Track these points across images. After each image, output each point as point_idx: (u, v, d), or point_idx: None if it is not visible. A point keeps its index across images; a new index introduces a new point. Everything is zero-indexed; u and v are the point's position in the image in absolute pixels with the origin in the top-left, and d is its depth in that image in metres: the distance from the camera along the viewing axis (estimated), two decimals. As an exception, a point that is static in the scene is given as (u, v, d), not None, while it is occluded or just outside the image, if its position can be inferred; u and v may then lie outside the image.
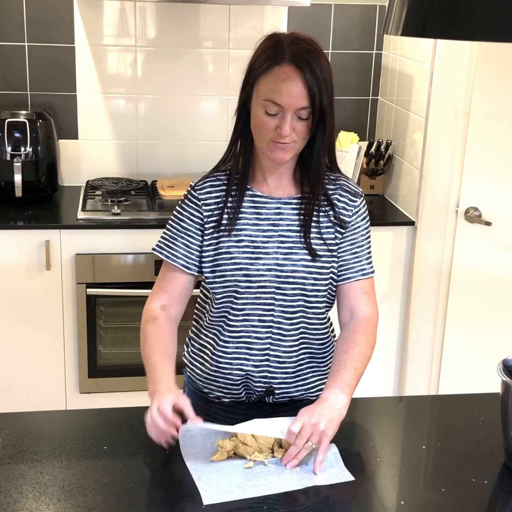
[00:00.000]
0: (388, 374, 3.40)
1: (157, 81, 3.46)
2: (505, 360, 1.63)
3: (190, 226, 1.79)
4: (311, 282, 1.77)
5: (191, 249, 1.79)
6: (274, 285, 1.76)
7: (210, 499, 1.47)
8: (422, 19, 1.29)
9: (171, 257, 1.80)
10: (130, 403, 1.87)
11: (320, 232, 1.77)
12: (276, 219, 1.77)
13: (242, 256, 1.76)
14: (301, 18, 3.44)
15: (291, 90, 1.62)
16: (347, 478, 1.55)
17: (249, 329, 1.79)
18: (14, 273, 3.00)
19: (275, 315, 1.78)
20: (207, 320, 1.85)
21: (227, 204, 1.77)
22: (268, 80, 1.64)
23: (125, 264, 3.04)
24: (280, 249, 1.76)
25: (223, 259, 1.76)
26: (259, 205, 1.78)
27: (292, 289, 1.76)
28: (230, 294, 1.78)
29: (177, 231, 1.81)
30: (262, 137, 1.68)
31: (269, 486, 1.51)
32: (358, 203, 1.82)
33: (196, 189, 1.80)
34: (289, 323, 1.79)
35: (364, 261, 1.83)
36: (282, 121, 1.64)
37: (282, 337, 1.79)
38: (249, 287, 1.76)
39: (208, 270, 1.78)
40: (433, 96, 3.02)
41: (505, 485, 1.57)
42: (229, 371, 1.81)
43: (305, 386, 1.85)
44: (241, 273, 1.75)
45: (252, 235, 1.76)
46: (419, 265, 3.20)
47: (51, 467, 1.55)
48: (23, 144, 3.13)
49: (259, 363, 1.80)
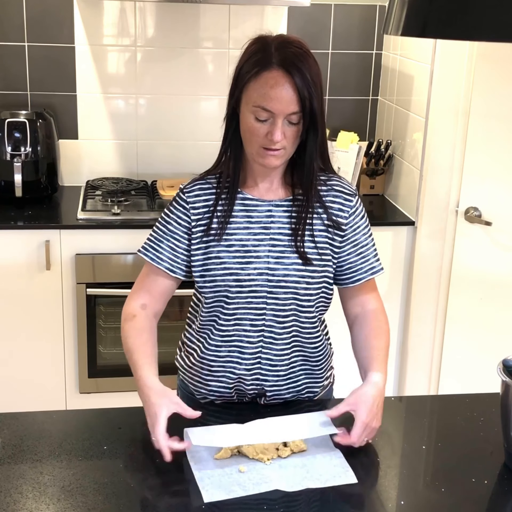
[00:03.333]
0: (388, 374, 3.37)
1: (157, 81, 3.46)
2: (505, 360, 1.63)
3: (177, 229, 1.77)
4: (304, 286, 1.75)
5: (177, 252, 1.77)
6: (266, 289, 1.74)
7: (211, 497, 1.47)
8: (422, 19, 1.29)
9: (156, 259, 1.78)
10: (130, 403, 1.86)
11: (313, 235, 1.75)
12: (267, 221, 1.75)
13: (232, 261, 1.73)
14: (301, 18, 3.44)
15: (281, 96, 1.59)
16: (350, 480, 1.54)
17: (241, 333, 1.77)
18: (14, 273, 3.00)
19: (266, 319, 1.76)
20: (198, 324, 1.83)
21: (217, 208, 1.74)
22: (257, 86, 1.61)
23: (125, 264, 3.04)
24: (272, 252, 1.73)
25: (213, 263, 1.74)
26: (250, 208, 1.75)
27: (284, 293, 1.74)
28: (220, 298, 1.76)
29: (163, 234, 1.78)
30: (252, 143, 1.65)
31: (271, 485, 1.51)
32: (354, 202, 1.79)
33: (185, 191, 1.77)
34: (281, 326, 1.77)
35: (372, 259, 1.83)
36: (272, 127, 1.61)
37: (274, 341, 1.78)
38: (240, 291, 1.74)
39: (198, 275, 1.76)
40: (433, 96, 3.01)
41: (505, 485, 1.57)
42: (221, 374, 1.80)
43: (296, 388, 1.84)
44: (232, 278, 1.73)
45: (243, 239, 1.74)
46: (419, 265, 3.20)
47: (51, 467, 1.55)
48: (23, 144, 3.13)
49: (251, 366, 1.78)
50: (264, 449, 1.59)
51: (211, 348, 1.79)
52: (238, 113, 1.68)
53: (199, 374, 1.82)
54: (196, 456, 1.59)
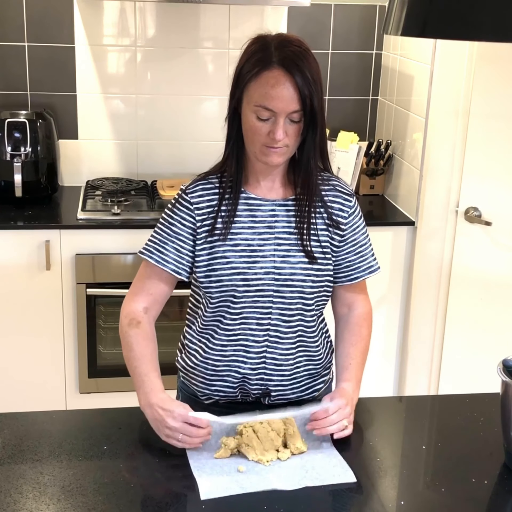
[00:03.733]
0: (388, 374, 3.40)
1: (157, 81, 3.46)
2: (505, 360, 1.63)
3: (182, 230, 1.76)
4: (309, 285, 1.76)
5: (182, 253, 1.76)
6: (273, 288, 1.75)
7: (208, 494, 1.48)
8: (422, 19, 1.29)
9: (161, 261, 1.77)
10: (130, 403, 1.87)
11: (317, 234, 1.77)
12: (272, 221, 1.76)
13: (239, 260, 1.74)
14: (301, 18, 3.44)
15: (282, 95, 1.60)
16: (349, 479, 1.54)
17: (246, 332, 1.77)
18: (14, 273, 3.00)
19: (272, 318, 1.77)
20: (199, 325, 1.83)
21: (221, 208, 1.75)
22: (258, 86, 1.62)
23: (125, 264, 3.04)
24: (277, 251, 1.75)
25: (219, 263, 1.74)
26: (254, 207, 1.76)
27: (291, 292, 1.75)
28: (226, 298, 1.76)
29: (168, 235, 1.77)
30: (254, 142, 1.67)
31: (269, 484, 1.52)
32: (353, 203, 1.82)
33: (188, 192, 1.77)
34: (286, 325, 1.78)
35: (370, 258, 1.86)
36: (274, 126, 1.63)
37: (279, 340, 1.78)
38: (247, 291, 1.74)
39: (203, 275, 1.76)
40: (433, 96, 3.01)
41: (505, 485, 1.57)
42: (227, 373, 1.80)
43: (300, 388, 1.84)
44: (239, 277, 1.73)
45: (248, 239, 1.74)
46: (419, 265, 3.20)
47: (51, 467, 1.55)
48: (23, 144, 3.13)
49: (256, 365, 1.79)
50: (264, 451, 1.59)
51: (216, 348, 1.79)
52: (239, 113, 1.69)
53: (202, 375, 1.82)
54: (196, 455, 1.59)
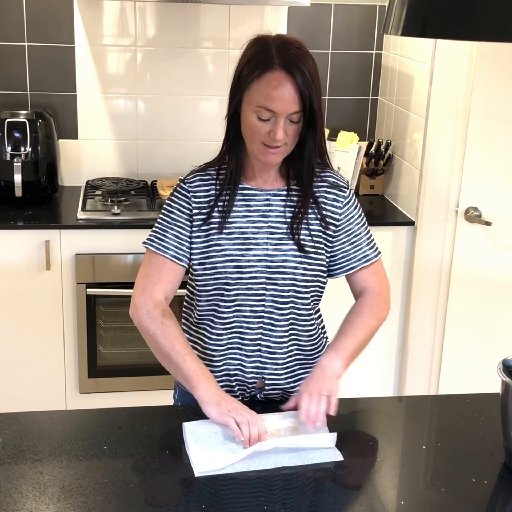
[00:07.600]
0: (388, 374, 3.40)
1: (157, 81, 3.46)
2: (505, 360, 1.63)
3: (180, 217, 1.81)
4: (301, 272, 1.80)
5: (181, 240, 1.80)
6: (265, 276, 1.79)
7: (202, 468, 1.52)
8: (422, 19, 1.30)
9: (162, 248, 1.80)
10: (130, 403, 1.87)
11: (308, 223, 1.81)
12: (266, 210, 1.80)
13: (232, 247, 1.78)
14: (301, 18, 3.44)
15: (283, 96, 1.64)
16: (336, 458, 1.58)
17: (241, 319, 1.82)
18: (14, 273, 3.00)
19: (266, 305, 1.81)
20: (195, 316, 1.88)
21: (219, 199, 1.79)
22: (260, 87, 1.65)
23: (125, 264, 3.04)
24: (270, 239, 1.79)
25: (213, 251, 1.79)
26: (249, 197, 1.81)
27: (283, 279, 1.79)
28: (220, 286, 1.80)
29: (167, 223, 1.82)
30: (254, 140, 1.71)
31: (259, 464, 1.56)
32: (347, 193, 1.85)
33: (186, 182, 1.83)
34: (279, 313, 1.82)
35: (365, 248, 1.88)
36: (275, 126, 1.67)
37: (273, 327, 1.82)
38: (240, 278, 1.78)
39: (197, 263, 1.81)
40: (433, 96, 3.01)
41: (505, 485, 1.57)
42: (223, 362, 1.84)
43: (293, 378, 1.87)
44: (232, 264, 1.78)
45: (242, 227, 1.79)
46: (419, 265, 3.20)
47: (51, 467, 1.54)
48: (23, 144, 3.13)
49: (251, 353, 1.83)
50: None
51: (213, 337, 1.84)
52: (239, 112, 1.72)
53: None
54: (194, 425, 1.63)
